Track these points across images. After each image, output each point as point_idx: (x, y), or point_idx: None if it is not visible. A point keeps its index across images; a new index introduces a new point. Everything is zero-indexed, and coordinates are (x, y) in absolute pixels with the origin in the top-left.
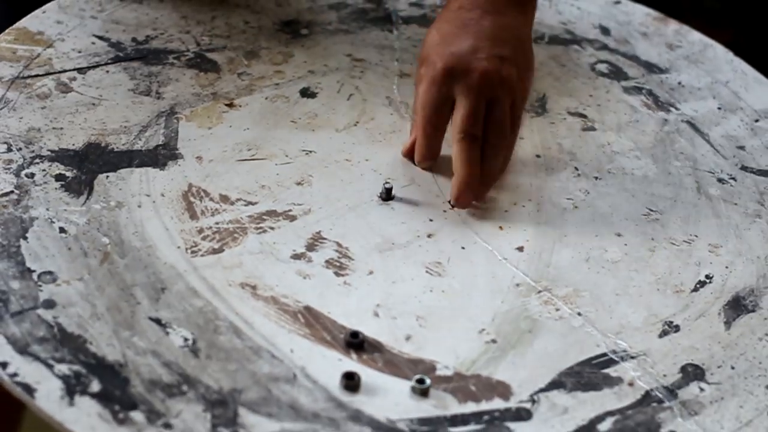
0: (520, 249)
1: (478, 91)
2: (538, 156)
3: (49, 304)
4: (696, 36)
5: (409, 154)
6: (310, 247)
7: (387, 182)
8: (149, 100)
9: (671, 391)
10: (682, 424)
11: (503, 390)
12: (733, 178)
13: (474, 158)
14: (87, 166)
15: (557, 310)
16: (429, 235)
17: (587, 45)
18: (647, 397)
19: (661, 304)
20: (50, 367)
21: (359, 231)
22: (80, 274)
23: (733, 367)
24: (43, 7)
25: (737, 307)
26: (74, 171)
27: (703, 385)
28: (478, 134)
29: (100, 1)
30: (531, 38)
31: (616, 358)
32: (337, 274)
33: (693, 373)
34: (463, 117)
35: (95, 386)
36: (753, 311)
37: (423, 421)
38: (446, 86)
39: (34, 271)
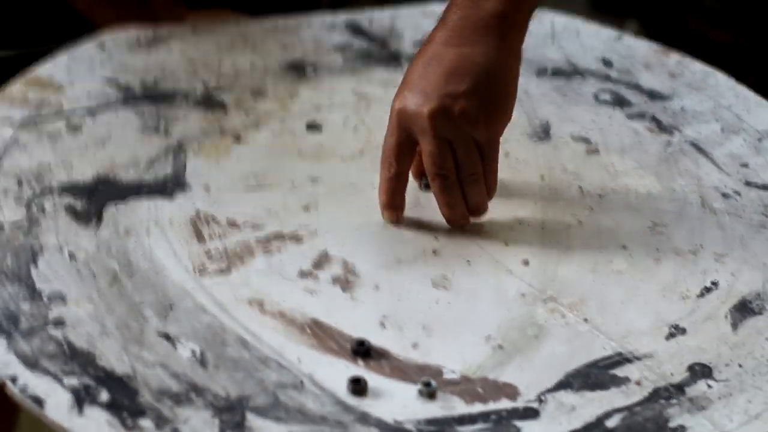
0: (526, 262)
1: (431, 133)
2: (542, 177)
3: (59, 323)
4: (698, 66)
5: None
6: (317, 266)
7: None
8: (158, 136)
9: (679, 388)
10: (691, 418)
11: (510, 391)
12: (738, 193)
13: (451, 198)
14: (96, 197)
15: (563, 317)
16: (435, 252)
17: (590, 76)
18: (655, 395)
19: (668, 310)
20: (59, 380)
21: (365, 250)
22: (89, 295)
23: (740, 365)
24: (54, 56)
25: (744, 309)
26: (84, 202)
27: (710, 382)
28: (447, 174)
29: (109, 49)
30: (510, 63)
31: (623, 360)
32: (343, 289)
33: (700, 371)
34: (426, 160)
35: (104, 396)
36: (760, 314)
37: (430, 422)
38: (401, 131)
39: (43, 293)
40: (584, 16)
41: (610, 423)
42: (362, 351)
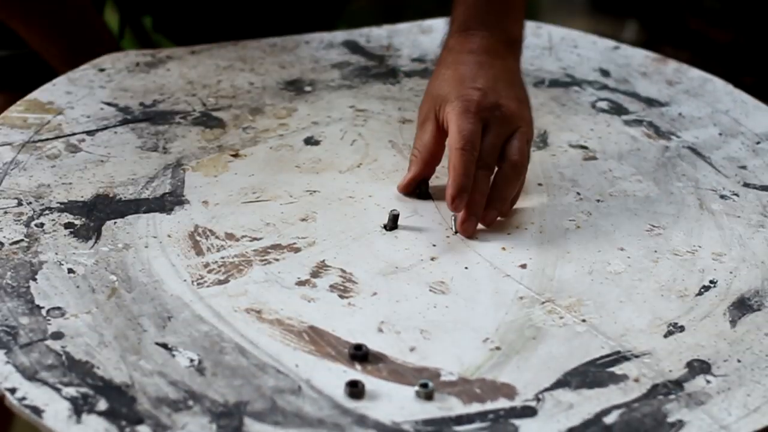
0: (523, 266)
1: (502, 126)
2: (540, 184)
3: (58, 336)
4: (695, 72)
5: (406, 190)
6: (315, 275)
7: (394, 210)
8: (156, 155)
9: (677, 384)
10: (689, 413)
11: (508, 391)
12: (736, 194)
13: (483, 187)
14: (95, 214)
15: (561, 318)
16: (432, 258)
17: (587, 86)
18: (653, 391)
19: (666, 309)
20: (58, 390)
21: (363, 258)
22: (88, 308)
23: (739, 360)
24: (54, 80)
25: (742, 306)
26: (83, 219)
27: (709, 377)
28: (493, 165)
29: (108, 73)
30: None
31: (621, 358)
32: (341, 296)
33: (699, 367)
34: (485, 147)
35: (102, 405)
36: (759, 310)
37: (428, 422)
38: (479, 118)
39: (42, 307)
40: (584, 17)
41: (609, 419)
42: (360, 355)
